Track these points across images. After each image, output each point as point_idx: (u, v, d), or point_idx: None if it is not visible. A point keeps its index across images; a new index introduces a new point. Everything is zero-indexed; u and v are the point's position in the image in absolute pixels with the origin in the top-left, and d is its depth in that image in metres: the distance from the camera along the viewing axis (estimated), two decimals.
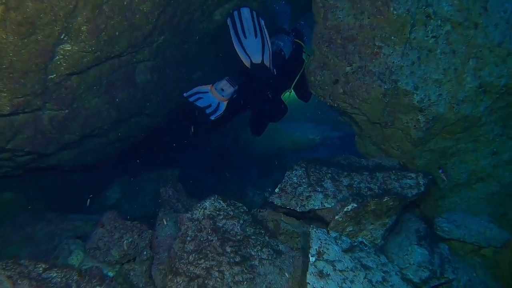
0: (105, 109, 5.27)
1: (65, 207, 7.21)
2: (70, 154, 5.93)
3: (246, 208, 3.91)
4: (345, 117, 5.14)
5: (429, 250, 3.94)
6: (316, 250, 3.24)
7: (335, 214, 3.70)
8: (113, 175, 7.78)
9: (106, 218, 4.00)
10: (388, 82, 4.09)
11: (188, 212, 3.66)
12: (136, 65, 5.46)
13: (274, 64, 5.03)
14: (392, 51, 4.06)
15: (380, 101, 4.22)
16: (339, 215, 3.57)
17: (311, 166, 4.25)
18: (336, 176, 4.14)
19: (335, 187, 3.99)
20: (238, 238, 3.48)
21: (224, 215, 3.66)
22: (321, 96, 4.77)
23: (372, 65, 4.16)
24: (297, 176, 4.13)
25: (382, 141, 4.65)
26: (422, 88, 4.01)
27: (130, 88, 5.51)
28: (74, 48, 3.93)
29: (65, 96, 4.40)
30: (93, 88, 4.79)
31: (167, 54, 5.96)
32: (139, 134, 7.34)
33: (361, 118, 4.64)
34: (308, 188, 3.99)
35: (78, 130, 5.08)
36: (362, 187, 3.99)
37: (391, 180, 4.02)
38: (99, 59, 4.37)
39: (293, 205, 3.91)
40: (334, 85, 4.51)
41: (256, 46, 4.81)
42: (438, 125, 4.12)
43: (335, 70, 4.45)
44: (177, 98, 7.04)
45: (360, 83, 4.26)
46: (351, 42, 4.24)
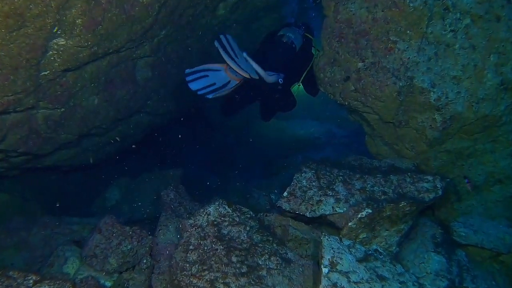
0: (103, 108, 5.05)
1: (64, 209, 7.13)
2: (67, 154, 5.75)
3: (252, 213, 3.70)
4: (355, 116, 4.96)
5: (447, 258, 3.77)
6: (329, 260, 3.02)
7: (348, 219, 3.50)
8: (112, 175, 7.62)
9: (104, 224, 3.78)
10: (403, 79, 3.92)
11: (191, 218, 3.45)
12: (136, 61, 5.26)
13: (285, 55, 5.19)
14: (407, 46, 3.87)
15: (394, 99, 4.04)
16: (352, 222, 3.38)
17: (321, 168, 4.04)
18: (348, 178, 3.93)
19: (347, 191, 3.78)
20: (245, 246, 3.26)
21: (229, 221, 3.44)
22: (331, 94, 4.59)
23: (386, 61, 3.98)
24: (306, 179, 3.92)
25: (395, 141, 4.47)
26: (439, 85, 3.83)
27: (129, 86, 5.31)
28: (68, 42, 3.70)
29: (60, 94, 4.18)
30: (91, 86, 4.57)
31: (168, 50, 5.76)
32: (140, 133, 7.17)
33: (373, 117, 4.47)
34: (319, 192, 3.78)
35: (75, 129, 4.88)
36: (376, 190, 3.78)
37: (406, 183, 3.81)
38: (96, 54, 4.15)
39: (302, 210, 3.70)
40: (345, 82, 4.34)
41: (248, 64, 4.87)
42: (455, 125, 3.93)
43: (346, 66, 4.28)
44: (179, 95, 6.89)
45: (373, 80, 4.07)
46: (363, 36, 4.06)
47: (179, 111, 7.72)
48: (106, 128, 5.62)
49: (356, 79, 4.20)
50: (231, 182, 8.40)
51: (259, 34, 8.17)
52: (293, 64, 5.28)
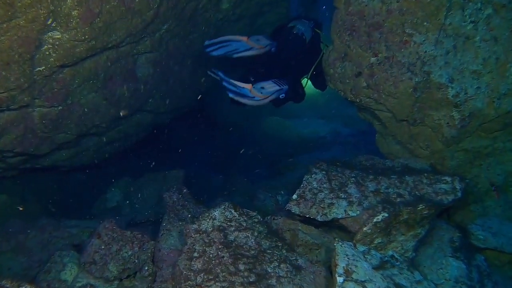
0: (103, 106, 4.89)
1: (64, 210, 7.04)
2: (66, 154, 5.62)
3: (260, 217, 3.50)
4: (365, 114, 4.79)
5: (466, 263, 3.57)
6: (343, 268, 2.82)
7: (362, 224, 3.32)
8: (113, 176, 7.46)
9: (103, 228, 3.60)
10: (420, 75, 3.76)
11: (195, 223, 3.25)
12: (137, 57, 5.09)
13: (296, 45, 5.28)
14: (424, 39, 3.69)
15: (410, 95, 3.87)
16: (367, 227, 3.18)
17: (332, 169, 3.85)
18: (360, 180, 3.74)
19: (360, 193, 3.59)
20: (253, 253, 3.07)
21: (236, 226, 3.24)
22: (341, 91, 4.43)
23: (401, 55, 3.80)
24: (316, 180, 3.72)
25: (408, 140, 4.29)
26: (458, 80, 3.65)
27: (130, 83, 5.16)
28: (64, 36, 3.50)
29: (57, 91, 4.00)
30: (89, 83, 4.40)
31: (170, 45, 5.59)
32: (141, 133, 7.05)
33: (386, 115, 4.29)
34: (330, 194, 3.59)
35: (74, 128, 4.72)
36: (391, 192, 3.59)
37: (423, 185, 3.62)
38: (94, 49, 3.96)
39: (313, 213, 3.51)
40: (357, 78, 4.17)
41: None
42: (474, 122, 3.75)
43: (358, 61, 4.11)
44: (181, 93, 6.70)
45: (387, 76, 3.91)
46: (377, 29, 3.89)
47: (181, 110, 7.58)
48: (106, 127, 5.47)
49: (369, 75, 4.03)
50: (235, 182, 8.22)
51: (264, 29, 7.99)
52: (304, 55, 5.34)
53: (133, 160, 8.15)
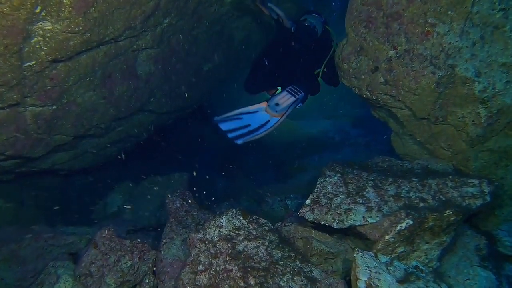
0: (101, 105, 4.66)
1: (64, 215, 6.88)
2: (64, 157, 5.44)
3: (271, 224, 3.24)
4: (380, 112, 4.57)
5: (495, 273, 3.35)
6: (365, 282, 2.57)
7: (383, 231, 3.08)
8: (114, 179, 7.29)
9: (100, 237, 3.35)
10: (443, 68, 3.52)
11: (200, 231, 3.00)
12: (137, 53, 4.86)
13: (308, 37, 5.25)
14: (448, 29, 3.45)
15: (432, 91, 3.62)
16: (390, 235, 2.93)
17: (348, 171, 3.60)
18: (379, 183, 3.49)
19: (380, 198, 3.35)
20: (264, 265, 2.81)
21: (245, 235, 2.99)
22: (356, 88, 4.22)
23: (423, 48, 3.56)
24: (332, 184, 3.47)
25: (428, 140, 4.05)
26: (485, 74, 3.41)
27: (130, 81, 4.95)
28: (56, 27, 3.25)
29: (50, 88, 3.75)
30: (86, 80, 4.16)
31: (173, 41, 5.36)
32: (143, 134, 6.81)
33: (404, 113, 4.05)
34: (347, 199, 3.34)
35: (70, 129, 4.50)
36: (413, 197, 3.34)
37: (448, 188, 3.38)
38: (90, 43, 3.71)
39: (329, 220, 3.25)
40: (373, 74, 3.93)
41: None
42: (502, 120, 3.50)
43: (374, 55, 3.87)
44: (185, 92, 6.51)
45: (407, 70, 3.66)
46: (396, 20, 3.65)
47: (185, 110, 7.40)
48: (105, 128, 5.26)
49: (387, 70, 3.79)
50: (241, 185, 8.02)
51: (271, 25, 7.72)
52: (316, 48, 5.31)
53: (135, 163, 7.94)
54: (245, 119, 4.88)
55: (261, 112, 4.92)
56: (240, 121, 4.87)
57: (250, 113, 4.93)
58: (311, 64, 5.43)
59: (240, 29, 7.03)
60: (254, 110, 4.94)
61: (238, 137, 4.73)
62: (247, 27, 7.17)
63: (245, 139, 4.70)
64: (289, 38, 5.21)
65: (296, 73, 5.32)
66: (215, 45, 6.59)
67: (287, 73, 5.36)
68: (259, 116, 4.89)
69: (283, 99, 4.95)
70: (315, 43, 5.35)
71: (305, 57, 5.35)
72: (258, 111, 4.94)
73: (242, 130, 4.79)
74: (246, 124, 4.84)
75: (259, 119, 4.86)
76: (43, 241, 4.30)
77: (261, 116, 4.89)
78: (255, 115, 4.92)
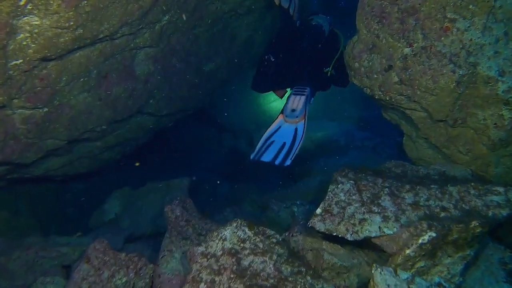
0: (97, 107, 4.46)
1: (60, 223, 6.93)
2: (58, 163, 5.27)
3: (279, 236, 3.01)
4: (392, 114, 4.35)
5: None
6: None
7: (403, 244, 2.86)
8: (113, 185, 7.13)
9: (93, 250, 3.12)
10: (464, 67, 3.30)
11: (201, 244, 2.77)
12: (135, 52, 4.65)
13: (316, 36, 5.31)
14: (469, 25, 3.25)
15: (451, 91, 3.41)
16: (411, 249, 2.70)
17: (362, 178, 3.37)
18: (395, 190, 3.27)
19: (396, 206, 3.12)
20: (272, 282, 2.58)
21: (251, 248, 2.75)
22: (367, 88, 4.01)
23: (441, 45, 3.35)
24: (344, 191, 3.24)
25: (445, 144, 3.83)
26: (510, 73, 3.18)
27: (128, 81, 4.76)
28: (44, 22, 3.02)
29: (40, 89, 3.54)
30: (80, 81, 3.96)
31: (173, 40, 5.17)
32: (142, 137, 6.67)
33: (419, 115, 3.83)
34: (361, 208, 3.11)
35: (64, 133, 4.30)
36: (432, 205, 3.12)
37: (470, 196, 3.16)
38: (83, 40, 3.49)
39: (342, 231, 3.02)
40: (387, 73, 3.72)
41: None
42: None
43: (388, 53, 3.67)
44: (186, 94, 6.33)
45: (424, 69, 3.45)
46: (412, 15, 3.45)
47: (185, 112, 7.19)
48: (101, 132, 5.06)
49: (402, 68, 3.58)
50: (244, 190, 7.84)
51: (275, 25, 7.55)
52: (323, 47, 5.36)
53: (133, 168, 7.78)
54: (276, 140, 4.86)
55: (284, 125, 4.94)
56: (274, 144, 4.84)
57: (276, 132, 4.93)
58: (320, 62, 5.39)
59: (243, 28, 6.82)
60: (277, 127, 4.96)
61: (284, 159, 4.69)
62: (251, 26, 6.97)
63: (291, 156, 4.69)
64: (296, 37, 5.22)
65: (304, 71, 5.30)
66: (217, 44, 6.38)
67: (295, 72, 5.33)
68: (285, 130, 4.89)
69: (295, 102, 4.95)
70: (323, 42, 5.38)
71: (313, 56, 5.33)
72: (281, 126, 4.95)
73: (283, 151, 4.74)
74: (281, 144, 4.80)
75: (288, 132, 4.85)
76: (34, 253, 4.09)
77: (287, 129, 4.89)
78: (281, 131, 4.92)
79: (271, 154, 4.75)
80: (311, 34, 5.29)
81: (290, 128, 4.89)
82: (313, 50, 5.32)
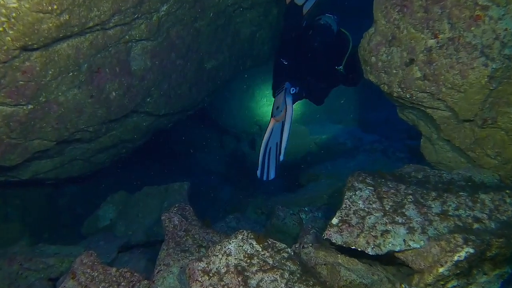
0: (88, 105, 4.17)
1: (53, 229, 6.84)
2: (48, 165, 5.04)
3: (290, 250, 2.67)
4: (410, 113, 4.07)
5: None
6: None
7: (432, 260, 2.53)
8: (108, 189, 6.88)
9: (80, 265, 2.80)
10: (498, 60, 2.99)
11: (202, 260, 2.43)
12: (131, 45, 4.38)
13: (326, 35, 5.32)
14: (503, 13, 2.96)
15: (482, 87, 3.11)
16: (445, 267, 2.38)
17: (382, 183, 3.06)
18: (420, 198, 2.95)
19: (422, 216, 2.80)
20: None
21: (259, 265, 2.42)
22: (385, 84, 3.70)
23: (471, 35, 3.05)
24: (363, 199, 2.93)
25: (470, 147, 3.54)
26: None
27: (122, 77, 4.47)
28: (23, 5, 2.71)
29: (23, 84, 3.23)
30: (68, 75, 3.66)
31: (172, 33, 4.89)
32: (139, 139, 6.38)
33: (442, 114, 3.55)
34: (383, 218, 2.79)
35: (52, 133, 4.02)
36: (463, 215, 2.81)
37: (506, 205, 2.88)
38: (70, 28, 3.18)
39: (361, 244, 2.70)
40: (408, 67, 3.42)
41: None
42: None
43: (410, 45, 3.37)
44: (186, 92, 6.05)
45: (451, 63, 3.15)
46: (437, 2, 3.17)
47: (185, 112, 6.94)
48: (94, 132, 4.78)
49: (425, 62, 3.28)
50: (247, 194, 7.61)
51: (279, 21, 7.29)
52: (333, 46, 5.36)
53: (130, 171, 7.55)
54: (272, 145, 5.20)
55: (275, 126, 5.19)
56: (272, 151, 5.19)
57: (270, 136, 5.22)
58: (332, 61, 5.49)
59: (247, 24, 6.57)
60: (270, 132, 5.24)
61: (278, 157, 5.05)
62: (255, 22, 6.73)
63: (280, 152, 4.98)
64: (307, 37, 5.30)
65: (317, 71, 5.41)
66: (219, 40, 6.12)
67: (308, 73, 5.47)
68: (275, 130, 5.16)
69: (277, 100, 5.27)
70: (333, 41, 5.43)
71: (324, 56, 5.39)
72: (273, 128, 5.23)
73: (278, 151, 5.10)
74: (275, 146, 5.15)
75: (277, 131, 5.11)
76: (18, 265, 3.78)
77: (277, 128, 5.14)
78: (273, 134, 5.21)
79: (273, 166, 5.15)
80: (321, 33, 5.35)
81: (279, 125, 5.13)
82: (325, 50, 5.34)
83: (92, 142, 5.16)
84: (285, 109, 5.10)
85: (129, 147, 6.39)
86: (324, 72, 5.52)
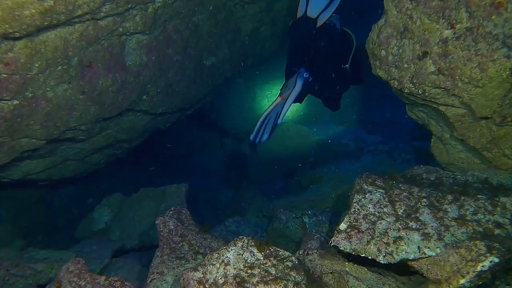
0: (79, 102, 3.99)
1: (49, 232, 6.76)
2: (40, 165, 4.89)
3: (294, 258, 2.46)
4: (420, 111, 3.87)
5: None
6: None
7: (450, 270, 2.36)
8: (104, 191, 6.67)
9: (66, 273, 2.60)
10: None
11: (198, 269, 2.21)
12: (125, 39, 4.20)
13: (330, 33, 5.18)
14: None
15: (502, 82, 2.91)
16: (467, 278, 2.19)
17: (393, 186, 2.85)
18: (435, 201, 2.74)
19: (438, 221, 2.59)
20: None
21: (261, 275, 2.21)
22: (395, 80, 3.49)
23: (492, 25, 2.86)
24: (373, 202, 2.73)
25: (486, 146, 3.37)
26: None
27: (116, 73, 4.30)
28: None
29: (7, 77, 3.04)
30: (57, 69, 3.47)
31: (169, 27, 4.72)
32: (135, 139, 6.21)
33: (457, 112, 3.34)
34: (396, 224, 2.60)
35: (40, 131, 3.84)
36: (483, 220, 2.62)
37: None
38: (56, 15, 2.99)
39: (372, 252, 2.50)
40: (421, 61, 3.21)
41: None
42: None
43: (423, 37, 3.17)
44: (184, 90, 5.87)
45: (469, 55, 2.94)
46: None
47: (184, 111, 6.77)
48: (87, 131, 4.58)
49: (440, 55, 3.07)
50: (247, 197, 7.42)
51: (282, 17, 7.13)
52: (338, 43, 5.28)
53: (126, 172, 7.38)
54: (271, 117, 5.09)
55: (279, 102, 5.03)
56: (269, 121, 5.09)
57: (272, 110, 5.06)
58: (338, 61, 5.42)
59: (248, 19, 6.42)
60: (274, 106, 5.07)
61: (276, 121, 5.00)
62: (256, 18, 6.57)
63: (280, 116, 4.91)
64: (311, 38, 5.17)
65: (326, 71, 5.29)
66: (219, 36, 5.95)
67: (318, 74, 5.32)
68: (279, 105, 5.04)
69: (288, 82, 5.12)
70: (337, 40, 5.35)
71: (330, 55, 5.29)
72: (277, 104, 5.06)
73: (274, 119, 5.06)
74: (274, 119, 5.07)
75: (280, 107, 5.02)
76: (4, 271, 3.58)
77: (280, 105, 5.04)
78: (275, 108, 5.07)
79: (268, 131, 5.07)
80: (327, 33, 5.23)
81: (283, 102, 5.06)
82: (331, 49, 5.27)
83: (86, 142, 4.97)
84: (294, 88, 5.06)
85: (125, 147, 6.21)
86: (333, 72, 5.41)
